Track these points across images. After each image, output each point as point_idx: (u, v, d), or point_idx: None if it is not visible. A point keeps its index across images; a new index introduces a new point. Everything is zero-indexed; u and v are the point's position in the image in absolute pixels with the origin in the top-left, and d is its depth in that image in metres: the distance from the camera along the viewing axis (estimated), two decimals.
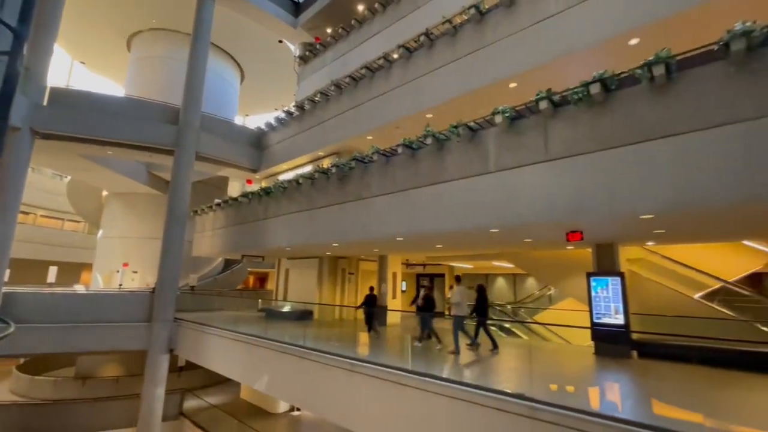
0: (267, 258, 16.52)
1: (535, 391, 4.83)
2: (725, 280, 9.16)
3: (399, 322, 13.99)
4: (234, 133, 16.53)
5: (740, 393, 5.49)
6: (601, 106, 5.52)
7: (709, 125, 4.62)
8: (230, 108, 22.66)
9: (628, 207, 5.15)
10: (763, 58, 4.37)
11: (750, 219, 5.57)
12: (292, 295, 15.52)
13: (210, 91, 18.08)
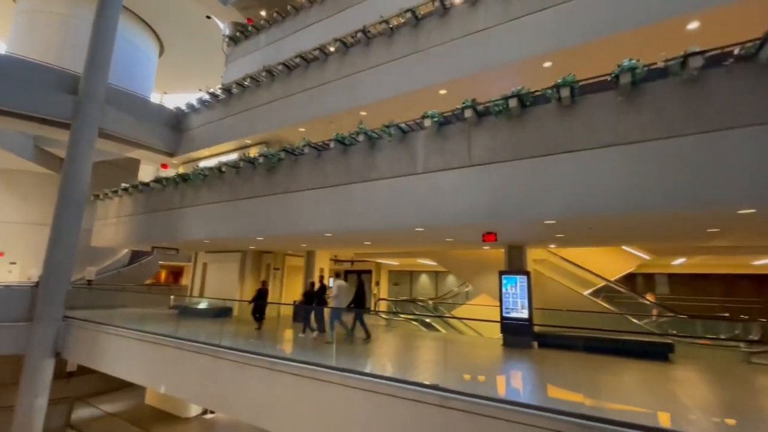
0: (182, 251, 15.20)
1: (448, 381, 5.15)
2: (608, 279, 10.69)
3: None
4: (148, 111, 14.88)
5: (614, 375, 6.46)
6: (518, 119, 6.06)
7: (602, 144, 5.33)
8: (145, 83, 20.35)
9: (536, 213, 5.74)
10: (645, 92, 5.18)
11: (629, 227, 6.56)
12: (210, 291, 14.51)
13: (121, 61, 16.05)
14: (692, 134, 4.74)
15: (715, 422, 4.43)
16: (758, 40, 4.40)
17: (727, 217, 5.31)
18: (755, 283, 11.85)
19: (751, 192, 4.41)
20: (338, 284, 8.93)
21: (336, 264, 18.67)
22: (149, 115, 14.69)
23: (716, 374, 6.83)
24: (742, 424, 4.34)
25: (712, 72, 4.75)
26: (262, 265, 14.16)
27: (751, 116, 4.48)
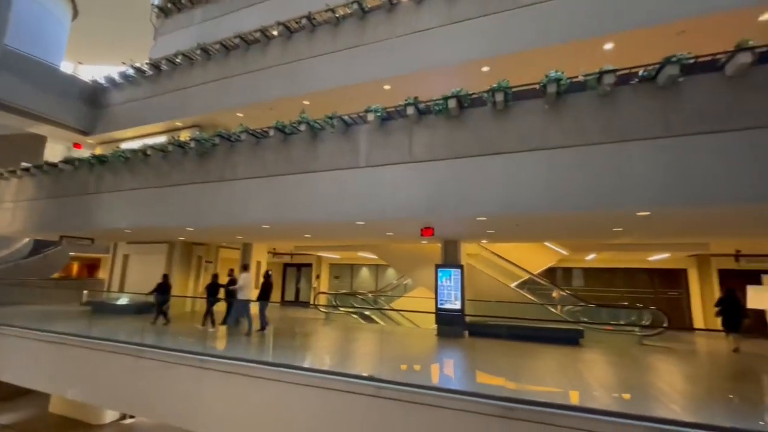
0: (98, 241, 13.66)
1: (384, 372, 5.27)
2: (531, 273, 11.64)
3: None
4: (57, 82, 13.07)
5: (534, 360, 7.09)
6: (456, 120, 6.32)
7: (530, 148, 5.77)
8: (54, 49, 17.83)
9: (470, 209, 6.06)
10: (567, 102, 5.68)
11: (550, 224, 7.20)
12: (132, 285, 13.25)
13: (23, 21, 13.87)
14: (603, 143, 5.31)
15: (614, 397, 5.06)
16: (658, 65, 5.03)
17: (629, 218, 6.05)
18: (650, 275, 13.71)
19: (647, 197, 5.07)
20: (243, 277, 8.94)
21: (275, 257, 18.09)
22: (58, 86, 12.90)
23: (616, 355, 7.80)
24: (635, 398, 5.02)
25: (621, 89, 5.36)
26: (192, 258, 13.27)
27: (649, 130, 5.13)
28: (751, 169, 4.68)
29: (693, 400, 5.04)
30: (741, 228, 7.18)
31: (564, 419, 4.07)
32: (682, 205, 4.98)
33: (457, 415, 4.53)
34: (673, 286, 13.23)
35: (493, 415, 4.41)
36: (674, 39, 6.66)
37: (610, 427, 3.94)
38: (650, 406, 4.60)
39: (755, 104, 4.76)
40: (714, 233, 8.21)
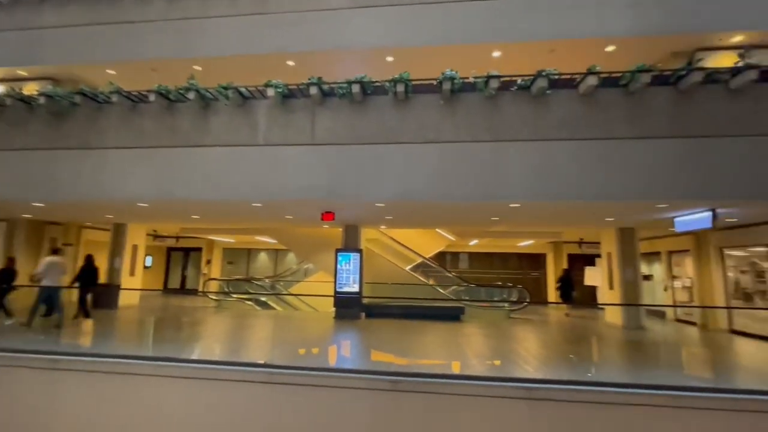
0: None
1: (278, 357, 5.16)
2: (424, 257, 12.58)
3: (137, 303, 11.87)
4: None
5: (422, 336, 7.72)
6: (359, 105, 6.37)
7: (426, 140, 6.14)
8: None
9: (370, 195, 6.22)
10: (460, 100, 6.18)
11: (441, 212, 7.83)
12: None
13: None
14: (487, 141, 5.95)
15: (487, 364, 5.82)
16: (532, 77, 5.80)
17: (504, 209, 6.93)
18: (518, 259, 16.06)
19: (519, 191, 5.86)
20: (48, 261, 7.68)
21: (156, 240, 16.04)
22: None
23: (489, 328, 8.96)
24: (504, 363, 5.85)
25: (503, 94, 6.04)
26: (43, 240, 10.98)
27: (523, 133, 5.92)
28: (597, 172, 5.75)
29: (544, 361, 6.10)
30: (584, 219, 8.83)
31: (445, 387, 4.54)
32: (545, 199, 5.89)
33: (351, 393, 4.69)
34: (535, 268, 15.72)
35: (384, 390, 4.69)
36: (547, 56, 7.73)
37: (484, 390, 4.53)
38: (514, 369, 5.44)
39: (601, 119, 5.84)
40: (566, 224, 9.95)
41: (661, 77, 5.75)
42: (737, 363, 6.41)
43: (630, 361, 6.31)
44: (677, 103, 5.72)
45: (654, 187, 5.65)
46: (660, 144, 5.66)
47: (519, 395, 4.39)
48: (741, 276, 9.52)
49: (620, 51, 7.68)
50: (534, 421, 4.37)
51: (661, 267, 11.56)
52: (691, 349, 7.66)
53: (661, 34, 7.26)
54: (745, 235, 8.52)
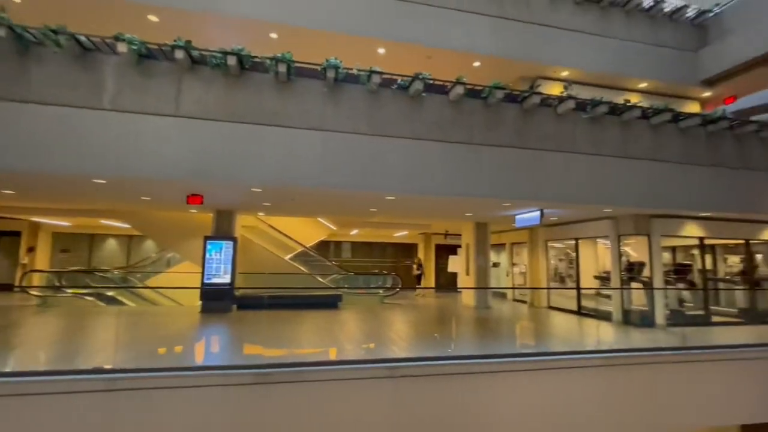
0: None
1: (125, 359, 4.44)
2: (305, 246, 12.41)
3: None
4: None
5: (300, 325, 7.63)
6: (236, 80, 5.83)
7: (310, 126, 5.99)
8: None
9: (245, 179, 5.79)
10: (344, 90, 6.21)
11: (321, 201, 7.80)
12: None
13: None
14: (368, 134, 6.14)
15: (363, 347, 6.07)
16: (410, 78, 6.19)
17: (381, 201, 7.29)
18: (394, 248, 17.20)
19: (394, 185, 6.23)
20: None
21: None
22: None
23: (364, 313, 9.38)
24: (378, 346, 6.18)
25: (385, 91, 6.30)
26: None
27: (401, 131, 6.28)
28: (460, 172, 6.48)
29: (412, 341, 6.68)
30: (449, 214, 9.93)
31: (314, 374, 4.57)
32: (416, 193, 6.38)
33: (212, 391, 4.35)
34: (408, 256, 17.06)
35: (252, 384, 4.48)
36: (425, 61, 8.35)
37: (357, 373, 4.71)
38: (382, 350, 5.80)
39: (465, 125, 6.58)
40: (434, 217, 11.03)
41: (512, 96, 6.79)
42: (549, 332, 8.12)
43: (477, 336, 7.40)
44: (522, 120, 6.85)
45: (501, 188, 6.68)
46: (507, 152, 6.70)
47: (383, 374, 4.73)
48: (559, 263, 12.02)
49: (484, 68, 8.79)
50: (398, 396, 4.76)
51: (506, 256, 13.83)
52: (521, 322, 9.39)
53: (513, 59, 8.58)
54: (562, 231, 10.79)
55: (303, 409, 4.50)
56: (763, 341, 6.59)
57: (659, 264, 8.57)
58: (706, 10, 10.05)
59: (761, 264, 10.18)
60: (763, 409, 6.27)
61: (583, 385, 5.34)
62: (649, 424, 6.31)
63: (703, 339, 6.96)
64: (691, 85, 9.96)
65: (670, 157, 7.49)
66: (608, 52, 9.40)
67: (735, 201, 7.85)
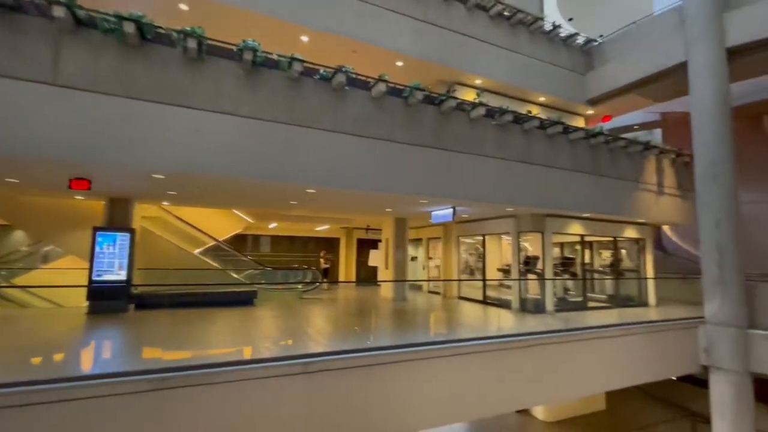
0: None
1: None
2: (218, 239, 11.57)
3: None
4: None
5: (211, 324, 7.08)
6: (135, 50, 5.16)
7: (222, 110, 5.56)
8: None
9: (142, 163, 5.16)
10: (262, 75, 5.89)
11: (234, 191, 7.32)
12: None
13: None
14: (288, 124, 5.91)
15: (278, 345, 5.83)
16: (333, 70, 6.11)
17: (301, 193, 7.11)
18: (316, 242, 16.94)
19: (315, 177, 6.11)
20: None
21: None
22: None
23: (281, 310, 9.08)
24: (294, 343, 6.00)
25: (307, 80, 6.13)
26: None
27: (324, 123, 6.18)
28: (380, 168, 6.59)
29: (330, 336, 6.65)
30: (370, 209, 10.08)
31: (221, 375, 4.30)
32: (337, 186, 6.34)
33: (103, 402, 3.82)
34: (330, 251, 16.94)
35: (151, 390, 4.05)
36: (350, 55, 8.32)
37: (269, 371, 4.53)
38: (298, 346, 5.67)
39: (387, 122, 6.71)
40: (355, 211, 11.10)
41: (430, 98, 7.11)
42: (458, 320, 8.76)
43: (392, 327, 7.66)
44: (439, 121, 7.22)
45: (419, 185, 6.98)
46: (425, 151, 7.01)
47: (297, 371, 4.64)
48: (469, 257, 12.99)
49: (406, 68, 9.06)
50: (312, 392, 4.71)
51: (423, 250, 14.53)
52: (435, 312, 9.97)
53: (433, 62, 9.01)
54: (472, 228, 11.68)
55: (209, 414, 4.21)
56: (623, 321, 7.96)
57: (550, 258, 9.78)
58: (593, 39, 11.68)
59: (624, 258, 12.24)
60: (622, 377, 7.58)
61: (486, 366, 5.88)
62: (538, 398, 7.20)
63: (581, 321, 8.12)
64: (579, 102, 11.50)
65: (561, 164, 8.57)
66: (516, 65, 10.39)
67: (608, 204, 9.29)
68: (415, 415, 5.35)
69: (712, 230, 8.11)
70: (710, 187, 8.23)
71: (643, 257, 11.48)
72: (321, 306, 9.86)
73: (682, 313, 8.90)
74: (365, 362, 5.00)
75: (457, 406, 5.73)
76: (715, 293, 8.02)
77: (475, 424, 10.78)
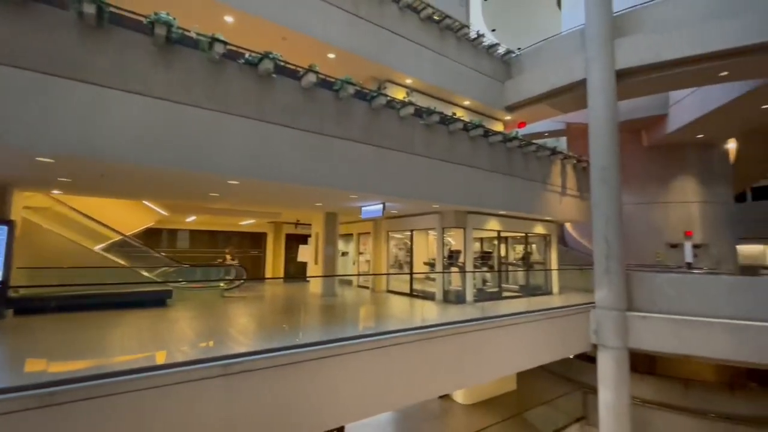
0: None
1: None
2: (124, 234, 10.35)
3: None
4: None
5: (113, 328, 6.31)
6: (18, 9, 4.35)
7: (129, 89, 4.95)
8: None
9: (23, 143, 4.40)
10: (180, 54, 5.37)
11: (144, 179, 6.60)
12: None
13: None
14: (206, 108, 5.48)
15: (201, 347, 5.40)
16: (260, 55, 5.81)
17: (223, 185, 6.66)
18: (242, 237, 16.03)
19: (238, 167, 5.76)
20: None
21: None
22: None
23: (199, 310, 8.45)
24: (218, 344, 5.60)
25: (230, 63, 5.74)
26: None
27: (248, 110, 5.84)
28: (309, 161, 6.43)
29: (255, 335, 6.34)
30: (299, 203, 9.82)
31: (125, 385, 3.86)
32: (263, 179, 6.06)
33: None
34: (256, 246, 16.17)
35: (33, 408, 3.49)
36: (280, 42, 7.98)
37: (184, 376, 4.16)
38: (218, 348, 5.33)
39: (317, 114, 6.57)
40: (284, 205, 10.73)
41: (362, 93, 7.14)
42: (385, 313, 8.97)
43: (322, 322, 7.58)
44: (369, 117, 7.28)
45: (349, 180, 6.97)
46: (356, 146, 7.03)
47: (215, 374, 4.36)
48: (399, 252, 13.35)
49: (338, 61, 8.97)
50: (233, 395, 4.47)
51: (353, 245, 14.59)
52: (363, 307, 10.08)
53: (365, 57, 9.04)
54: (401, 223, 12.02)
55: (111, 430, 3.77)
56: (531, 309, 8.85)
57: (471, 252, 10.48)
58: (511, 50, 12.70)
59: (534, 252, 13.61)
60: (531, 358, 8.43)
61: (410, 356, 6.11)
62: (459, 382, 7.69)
63: (496, 310, 8.85)
64: (498, 108, 12.44)
65: (482, 165, 9.20)
66: (443, 69, 10.88)
67: (521, 203, 10.22)
68: (344, 408, 5.38)
69: (602, 226, 9.38)
70: (601, 188, 9.51)
71: (549, 251, 12.86)
72: (245, 304, 9.38)
73: (579, 300, 10.17)
74: (291, 360, 4.88)
75: (383, 396, 5.88)
76: (603, 281, 9.31)
77: (401, 411, 11.19)
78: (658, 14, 9.94)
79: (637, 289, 9.46)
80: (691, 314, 8.73)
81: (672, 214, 15.06)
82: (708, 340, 8.38)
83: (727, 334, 8.18)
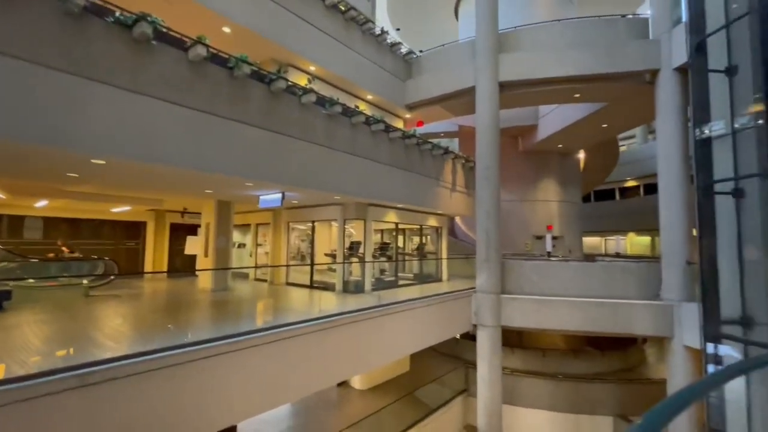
0: None
1: None
2: None
3: None
4: None
5: None
6: None
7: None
8: None
9: None
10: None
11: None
12: None
13: None
14: (60, 70, 4.55)
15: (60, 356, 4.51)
16: (136, 16, 5.03)
17: (85, 165, 5.64)
18: (113, 227, 13.78)
19: (104, 144, 4.94)
20: None
21: None
22: None
23: (53, 313, 7.06)
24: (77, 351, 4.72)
25: (94, 21, 4.84)
26: None
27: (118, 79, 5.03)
28: (198, 143, 5.82)
29: (127, 338, 5.54)
30: (185, 188, 8.87)
31: None
32: (137, 159, 5.30)
33: None
34: (132, 237, 14.11)
35: None
36: (163, 5, 7.02)
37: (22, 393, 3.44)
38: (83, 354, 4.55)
39: (208, 93, 5.97)
40: (167, 191, 9.56)
41: (260, 74, 6.72)
42: (282, 306, 8.74)
43: (210, 319, 7.03)
44: (268, 101, 6.91)
45: (244, 166, 6.55)
46: (252, 131, 6.62)
47: (69, 385, 3.73)
48: (300, 243, 13.06)
49: (235, 37, 8.30)
50: (94, 409, 3.88)
51: (251, 237, 13.78)
52: (258, 300, 9.65)
53: (265, 36, 8.53)
54: (302, 214, 11.78)
55: None
56: (423, 295, 9.54)
57: (371, 243, 10.81)
58: (413, 51, 13.33)
59: (428, 242, 14.67)
60: (422, 340, 9.10)
61: (307, 347, 6.07)
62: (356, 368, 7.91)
63: (392, 297, 9.32)
64: (399, 105, 12.98)
65: (382, 159, 9.52)
66: (347, 60, 10.89)
67: (417, 197, 10.89)
68: (237, 406, 5.10)
69: (484, 219, 10.57)
70: (483, 185, 10.69)
71: (440, 242, 14.00)
72: (117, 304, 8.16)
73: (464, 286, 11.32)
74: (167, 363, 4.42)
75: (280, 389, 5.75)
76: (483, 268, 10.53)
77: (299, 403, 11.07)
78: (535, 37, 11.48)
79: (509, 274, 10.92)
80: (549, 294, 10.44)
81: (538, 211, 17.70)
82: (560, 315, 10.14)
83: (573, 309, 10.01)
